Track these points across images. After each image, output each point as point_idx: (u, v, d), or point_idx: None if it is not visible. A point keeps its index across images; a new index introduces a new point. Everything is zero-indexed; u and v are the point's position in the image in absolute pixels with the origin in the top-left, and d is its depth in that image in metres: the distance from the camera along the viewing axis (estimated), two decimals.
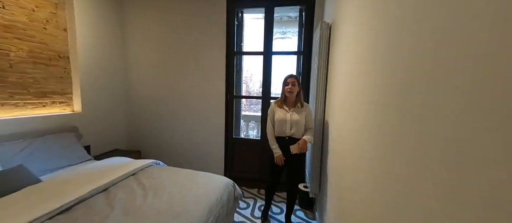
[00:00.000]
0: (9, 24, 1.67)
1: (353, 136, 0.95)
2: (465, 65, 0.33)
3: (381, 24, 0.70)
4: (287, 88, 1.60)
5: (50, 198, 1.19)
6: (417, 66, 0.46)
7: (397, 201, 0.52)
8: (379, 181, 0.64)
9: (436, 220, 0.38)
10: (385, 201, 0.59)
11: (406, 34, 0.53)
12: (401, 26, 0.56)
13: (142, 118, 2.77)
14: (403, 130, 0.51)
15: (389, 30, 0.64)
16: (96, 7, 2.31)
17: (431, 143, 0.40)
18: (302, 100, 1.66)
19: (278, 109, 1.65)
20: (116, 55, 2.58)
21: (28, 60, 1.80)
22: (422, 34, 0.45)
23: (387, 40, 0.64)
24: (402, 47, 0.54)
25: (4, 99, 1.68)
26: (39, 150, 1.66)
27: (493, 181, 0.27)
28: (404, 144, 0.50)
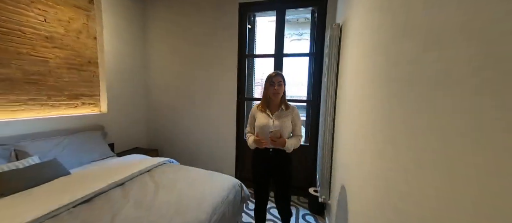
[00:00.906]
0: (50, 35, 1.92)
1: (362, 140, 0.92)
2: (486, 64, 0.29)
3: (388, 25, 0.67)
4: (274, 90, 1.32)
5: (76, 189, 1.33)
6: (434, 69, 0.42)
7: (408, 210, 0.49)
8: (393, 190, 0.58)
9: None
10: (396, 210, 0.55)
11: (416, 34, 0.49)
12: (407, 28, 0.53)
13: (159, 119, 2.95)
14: (419, 136, 0.46)
15: (396, 30, 0.61)
16: (121, 18, 2.53)
17: (452, 152, 0.35)
18: (287, 102, 1.40)
19: (260, 114, 1.38)
20: (137, 61, 2.80)
21: (63, 66, 2.05)
22: (437, 34, 0.41)
23: (397, 40, 0.61)
24: (415, 48, 0.50)
25: (44, 101, 1.92)
26: (70, 146, 1.86)
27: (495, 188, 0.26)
28: (420, 151, 0.45)
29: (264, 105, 1.38)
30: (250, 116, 1.45)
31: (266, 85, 1.36)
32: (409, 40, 0.53)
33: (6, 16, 1.64)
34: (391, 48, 0.65)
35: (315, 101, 2.36)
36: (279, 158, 1.37)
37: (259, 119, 1.37)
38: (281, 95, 1.35)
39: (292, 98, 5.38)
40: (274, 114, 1.36)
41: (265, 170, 1.40)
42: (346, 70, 1.42)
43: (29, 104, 1.82)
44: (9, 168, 1.39)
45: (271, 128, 1.31)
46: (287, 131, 1.34)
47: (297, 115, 1.40)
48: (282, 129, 1.30)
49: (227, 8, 2.48)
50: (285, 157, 1.37)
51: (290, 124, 1.36)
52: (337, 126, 1.68)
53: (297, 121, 1.39)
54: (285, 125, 1.33)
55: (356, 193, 0.98)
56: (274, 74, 1.35)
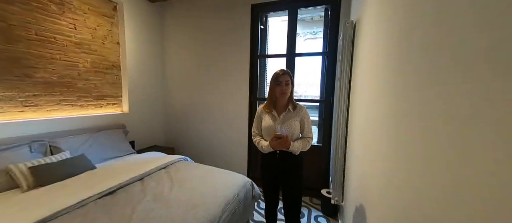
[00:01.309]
0: (79, 41, 2.11)
1: (377, 142, 0.89)
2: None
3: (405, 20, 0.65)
4: (280, 89, 1.22)
5: (101, 182, 1.45)
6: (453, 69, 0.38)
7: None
8: (410, 194, 0.54)
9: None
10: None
11: (435, 32, 0.45)
12: (425, 22, 0.50)
13: (176, 118, 3.09)
14: (437, 138, 0.43)
15: (411, 27, 0.58)
16: (141, 23, 2.69)
17: (470, 152, 0.33)
18: (294, 102, 1.30)
19: (266, 115, 1.30)
20: (156, 64, 2.96)
21: (91, 69, 2.23)
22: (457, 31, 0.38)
23: (412, 37, 0.58)
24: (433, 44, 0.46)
25: (74, 101, 2.11)
26: (96, 143, 2.02)
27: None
28: (437, 154, 0.42)
29: (270, 106, 1.28)
30: (256, 117, 1.36)
31: (272, 84, 1.26)
32: (424, 33, 0.51)
33: (43, 26, 1.84)
34: (406, 44, 0.63)
35: (328, 101, 2.32)
36: (287, 162, 1.26)
37: (265, 120, 1.28)
38: (288, 95, 1.25)
39: (305, 98, 5.31)
40: (281, 114, 1.26)
41: (272, 175, 1.31)
42: (360, 69, 1.38)
43: (61, 105, 2.02)
44: (46, 161, 1.56)
45: (278, 130, 1.23)
46: (296, 133, 1.25)
47: (306, 115, 1.28)
48: (290, 131, 1.21)
49: (240, 10, 2.52)
50: (294, 161, 1.26)
51: (299, 125, 1.26)
52: (351, 126, 1.63)
53: (306, 121, 1.28)
54: (293, 126, 1.23)
55: (375, 198, 0.95)
56: (280, 73, 1.23)
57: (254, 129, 1.38)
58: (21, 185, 1.38)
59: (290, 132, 1.21)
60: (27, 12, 1.73)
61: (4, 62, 1.64)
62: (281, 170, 1.28)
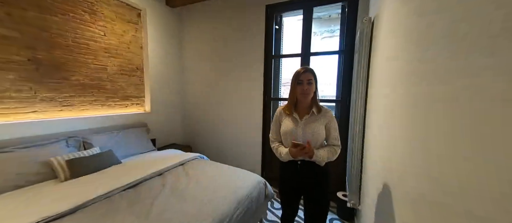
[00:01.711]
0: (107, 47, 2.30)
1: (394, 143, 0.86)
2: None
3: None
4: (302, 89, 1.09)
5: (126, 176, 1.57)
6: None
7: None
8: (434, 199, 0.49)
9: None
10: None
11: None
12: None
13: (193, 118, 3.22)
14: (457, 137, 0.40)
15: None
16: (162, 28, 2.86)
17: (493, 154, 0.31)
18: (319, 104, 1.14)
19: (286, 118, 1.16)
20: (175, 67, 3.11)
21: (118, 72, 2.43)
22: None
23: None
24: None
25: (103, 101, 2.31)
26: (122, 140, 2.20)
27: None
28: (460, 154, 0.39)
29: (291, 107, 1.14)
30: (274, 120, 1.22)
31: (293, 84, 1.12)
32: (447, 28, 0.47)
33: (78, 33, 2.04)
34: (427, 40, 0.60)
35: (345, 101, 2.24)
36: (310, 172, 1.11)
37: (285, 124, 1.14)
38: (311, 96, 1.10)
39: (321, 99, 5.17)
40: (303, 118, 1.11)
41: (293, 187, 1.17)
42: (377, 69, 1.32)
43: (92, 105, 2.23)
44: (80, 156, 1.73)
45: (299, 136, 1.08)
46: (320, 139, 1.09)
47: (333, 119, 1.12)
48: (313, 137, 1.07)
49: (254, 10, 2.55)
50: (319, 171, 1.11)
51: (323, 130, 1.10)
52: (368, 127, 1.57)
53: (333, 127, 1.11)
54: (316, 132, 1.08)
55: (388, 201, 0.90)
56: (302, 71, 1.09)
57: (272, 134, 1.23)
58: (60, 176, 1.56)
59: (313, 138, 1.07)
60: (65, 21, 1.94)
61: (47, 67, 1.86)
62: (304, 182, 1.13)
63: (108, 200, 1.28)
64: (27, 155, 1.56)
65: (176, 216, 1.13)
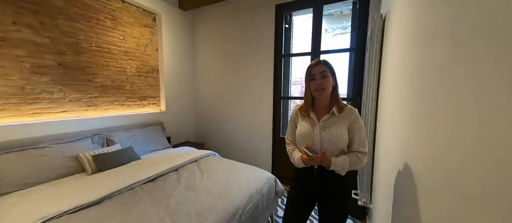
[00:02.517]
0: (126, 50, 2.46)
1: (405, 143, 0.86)
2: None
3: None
4: (315, 84, 0.94)
5: (145, 170, 1.69)
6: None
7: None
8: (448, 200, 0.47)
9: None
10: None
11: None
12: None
13: (205, 117, 3.33)
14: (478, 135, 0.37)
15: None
16: (175, 30, 2.98)
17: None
18: (341, 102, 0.97)
19: (303, 119, 1.02)
20: (188, 67, 3.23)
21: (136, 74, 2.58)
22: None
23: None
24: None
25: (123, 101, 2.47)
26: (140, 137, 2.34)
27: None
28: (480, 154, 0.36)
29: (308, 108, 1.00)
30: (290, 121, 1.09)
31: (306, 80, 0.98)
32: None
33: (101, 38, 2.20)
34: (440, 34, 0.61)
35: (356, 99, 2.22)
36: (328, 182, 0.96)
37: (301, 126, 1.01)
38: (329, 91, 0.94)
39: None
40: (321, 119, 0.97)
41: (305, 196, 1.03)
42: (388, 65, 1.31)
43: (114, 105, 2.39)
44: (104, 152, 1.88)
45: (317, 139, 0.94)
46: (341, 144, 0.92)
47: (357, 120, 0.94)
48: (332, 141, 0.92)
49: (264, 10, 2.59)
50: (338, 182, 0.96)
51: (346, 133, 0.93)
52: (379, 126, 1.56)
53: (357, 130, 0.94)
54: (337, 135, 0.92)
55: (399, 201, 0.91)
56: (314, 63, 0.96)
57: (288, 135, 1.09)
58: (87, 170, 1.71)
59: (332, 143, 0.92)
60: (89, 28, 2.10)
61: (73, 70, 2.03)
62: (318, 192, 0.99)
63: (131, 191, 1.39)
64: (58, 150, 1.73)
65: (192, 207, 1.21)
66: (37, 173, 1.53)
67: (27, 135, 1.69)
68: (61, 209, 1.13)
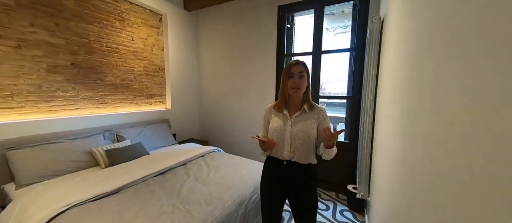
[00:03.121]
0: (134, 50, 2.55)
1: (388, 144, 0.95)
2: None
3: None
4: (293, 83, 1.00)
5: (155, 164, 1.79)
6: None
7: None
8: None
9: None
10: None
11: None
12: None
13: (209, 115, 3.43)
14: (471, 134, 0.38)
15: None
16: (181, 31, 3.07)
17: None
18: (311, 100, 1.06)
19: (275, 115, 1.08)
20: (192, 66, 3.33)
21: (143, 73, 2.67)
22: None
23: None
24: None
25: (131, 99, 2.57)
26: (148, 134, 2.44)
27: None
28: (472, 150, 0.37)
29: (282, 104, 1.06)
30: (263, 118, 1.15)
31: (284, 78, 1.03)
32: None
33: (111, 39, 2.30)
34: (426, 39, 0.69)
35: (356, 98, 2.31)
36: (296, 175, 1.02)
37: (274, 121, 1.06)
38: (303, 91, 1.01)
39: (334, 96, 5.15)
40: (293, 115, 1.03)
41: (276, 191, 1.07)
42: (385, 66, 1.40)
43: (123, 102, 2.49)
44: (115, 147, 1.98)
45: (287, 135, 1.01)
46: (311, 139, 1.01)
47: (325, 117, 1.03)
48: (304, 135, 1.00)
49: (266, 11, 2.67)
50: (308, 172, 1.03)
51: (315, 130, 1.01)
52: (377, 123, 1.65)
53: (326, 125, 1.02)
54: (307, 130, 1.00)
55: (392, 194, 0.99)
56: (293, 63, 1.01)
57: (261, 133, 1.15)
58: (100, 164, 1.81)
59: (303, 137, 1.00)
60: (100, 29, 2.20)
61: (85, 69, 2.13)
62: (290, 185, 1.04)
63: (144, 183, 1.50)
64: (73, 145, 1.83)
65: (202, 197, 1.31)
66: (55, 167, 1.64)
67: (45, 131, 1.80)
68: (84, 197, 1.23)
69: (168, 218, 1.11)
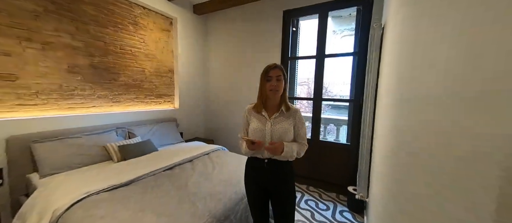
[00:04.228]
0: (146, 52, 2.70)
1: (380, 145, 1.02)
2: None
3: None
4: (270, 85, 1.07)
5: (163, 160, 1.91)
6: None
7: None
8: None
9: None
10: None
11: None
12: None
13: (215, 115, 3.54)
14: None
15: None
16: (190, 34, 3.20)
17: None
18: (288, 102, 1.14)
19: (255, 116, 1.14)
20: (199, 68, 3.46)
21: (153, 74, 2.82)
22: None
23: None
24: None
25: (142, 99, 2.72)
26: (157, 131, 2.57)
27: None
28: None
29: (260, 105, 1.13)
30: (243, 118, 1.21)
31: (262, 80, 1.11)
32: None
33: (124, 42, 2.45)
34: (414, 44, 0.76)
35: (358, 101, 2.35)
36: (276, 171, 1.10)
37: (254, 122, 1.13)
38: (280, 93, 1.09)
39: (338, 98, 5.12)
40: (272, 116, 1.11)
41: (259, 187, 1.14)
42: (384, 71, 1.45)
43: (134, 101, 2.64)
44: (126, 143, 2.12)
45: (267, 135, 1.08)
46: (288, 138, 1.09)
47: (301, 119, 1.13)
48: (281, 135, 1.08)
49: (272, 15, 2.76)
50: (286, 169, 1.11)
51: (292, 129, 1.10)
52: (376, 128, 1.70)
53: (301, 127, 1.12)
54: (285, 130, 1.08)
55: (391, 197, 0.95)
56: (272, 66, 1.09)
57: (241, 132, 1.20)
58: (113, 158, 1.95)
59: (281, 137, 1.08)
60: (115, 32, 2.35)
61: (101, 70, 2.28)
62: (270, 182, 1.11)
63: (153, 177, 1.61)
64: (90, 140, 1.98)
65: (207, 191, 1.41)
66: (73, 159, 1.78)
67: (64, 126, 1.95)
68: (99, 187, 1.35)
69: (175, 208, 1.22)
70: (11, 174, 1.63)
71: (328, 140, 3.34)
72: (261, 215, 1.18)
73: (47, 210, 1.20)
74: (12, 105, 1.71)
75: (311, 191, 2.53)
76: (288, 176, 1.12)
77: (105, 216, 1.12)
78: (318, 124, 2.67)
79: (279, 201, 1.13)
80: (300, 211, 2.09)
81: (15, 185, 1.65)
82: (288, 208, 1.13)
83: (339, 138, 3.50)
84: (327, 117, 3.93)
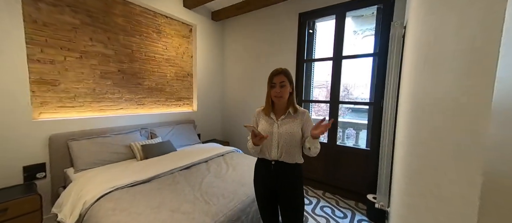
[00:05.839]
0: (168, 58, 2.88)
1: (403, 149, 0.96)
2: None
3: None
4: (274, 92, 1.11)
5: (181, 160, 2.01)
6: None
7: None
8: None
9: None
10: None
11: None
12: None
13: (231, 117, 3.62)
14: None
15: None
16: (208, 40, 3.34)
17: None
18: (295, 104, 1.15)
19: (263, 118, 1.18)
20: (217, 72, 3.58)
21: (174, 78, 2.99)
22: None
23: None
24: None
25: (163, 101, 2.90)
26: (176, 133, 2.71)
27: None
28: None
29: (268, 108, 1.16)
30: (252, 120, 1.25)
31: (268, 86, 1.15)
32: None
33: (148, 49, 2.65)
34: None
35: (378, 104, 2.23)
36: (284, 174, 1.10)
37: (262, 124, 1.17)
38: (285, 98, 1.12)
39: (354, 101, 4.91)
40: (279, 118, 1.14)
41: (268, 189, 1.15)
42: (405, 75, 1.37)
43: (157, 104, 2.82)
44: (149, 143, 2.27)
45: (275, 136, 1.10)
46: (296, 138, 1.10)
47: (308, 120, 1.13)
48: (289, 136, 1.09)
49: (288, 18, 2.76)
50: (294, 172, 1.11)
51: (299, 130, 1.11)
52: (397, 133, 1.59)
53: (309, 126, 1.12)
54: (292, 131, 1.09)
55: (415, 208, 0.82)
56: (276, 73, 1.10)
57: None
58: (137, 156, 2.10)
59: (289, 137, 1.09)
60: (141, 40, 2.56)
61: (128, 75, 2.49)
62: (278, 184, 1.12)
63: (171, 175, 1.70)
64: (117, 140, 2.16)
65: (219, 191, 1.45)
66: (103, 156, 1.96)
67: (96, 126, 2.16)
68: (124, 182, 1.48)
69: (189, 205, 1.27)
70: (52, 168, 1.86)
71: (346, 144, 3.20)
72: (271, 218, 1.18)
73: (79, 201, 1.34)
74: (55, 107, 1.96)
75: (328, 197, 2.44)
76: (297, 181, 1.12)
77: (126, 209, 1.21)
78: (335, 128, 2.58)
79: (288, 208, 1.13)
80: (315, 218, 2.03)
81: (55, 177, 1.87)
82: (298, 214, 1.13)
83: (358, 142, 3.33)
84: (346, 121, 3.78)
